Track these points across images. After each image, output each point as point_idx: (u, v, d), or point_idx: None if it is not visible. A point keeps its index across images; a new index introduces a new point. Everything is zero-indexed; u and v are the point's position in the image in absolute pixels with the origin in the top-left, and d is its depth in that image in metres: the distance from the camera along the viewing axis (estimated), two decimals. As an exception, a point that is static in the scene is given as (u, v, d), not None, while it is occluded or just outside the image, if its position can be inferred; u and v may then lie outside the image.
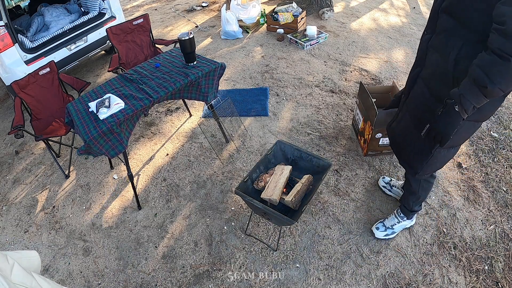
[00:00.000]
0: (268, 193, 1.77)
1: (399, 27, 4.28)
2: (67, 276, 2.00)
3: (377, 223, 1.99)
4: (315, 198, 2.23)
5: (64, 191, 2.54)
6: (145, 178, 2.54)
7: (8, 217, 2.42)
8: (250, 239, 2.05)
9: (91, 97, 2.13)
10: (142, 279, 1.93)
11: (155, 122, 3.09)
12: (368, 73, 3.42)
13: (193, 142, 2.81)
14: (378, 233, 1.95)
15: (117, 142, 1.96)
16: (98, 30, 3.53)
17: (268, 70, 3.58)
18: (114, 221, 2.27)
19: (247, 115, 3.00)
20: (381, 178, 2.26)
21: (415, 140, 1.53)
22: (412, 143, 1.56)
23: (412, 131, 1.53)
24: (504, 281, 1.76)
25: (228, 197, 2.32)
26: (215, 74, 2.29)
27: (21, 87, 2.61)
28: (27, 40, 3.12)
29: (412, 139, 1.55)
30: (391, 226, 1.94)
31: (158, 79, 2.17)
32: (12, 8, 4.36)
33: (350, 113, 2.91)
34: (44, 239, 2.23)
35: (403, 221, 1.93)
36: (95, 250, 2.12)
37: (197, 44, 4.25)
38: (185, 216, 2.23)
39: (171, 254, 2.03)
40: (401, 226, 1.94)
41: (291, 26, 4.11)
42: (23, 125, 2.34)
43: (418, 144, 1.51)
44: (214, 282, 1.87)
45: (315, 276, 1.84)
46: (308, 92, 3.20)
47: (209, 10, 5.42)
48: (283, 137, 2.72)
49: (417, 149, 1.53)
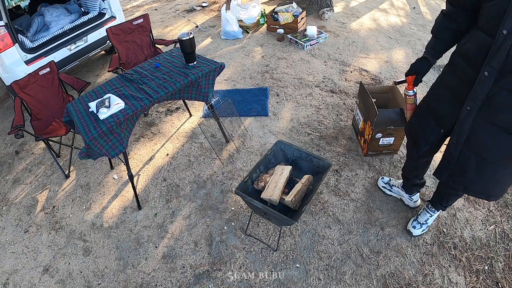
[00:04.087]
0: (268, 193, 1.77)
1: (399, 27, 4.28)
2: (67, 276, 2.00)
3: (411, 222, 2.01)
4: (315, 198, 2.23)
5: (64, 191, 2.54)
6: (145, 178, 2.54)
7: (8, 217, 2.42)
8: (250, 239, 2.05)
9: (91, 97, 2.13)
10: (142, 279, 1.93)
11: (155, 122, 3.09)
12: (368, 73, 3.42)
13: (193, 142, 2.81)
14: (415, 231, 1.98)
15: (117, 142, 1.96)
16: (98, 30, 3.53)
17: (268, 70, 3.58)
18: (114, 221, 2.27)
19: (247, 115, 3.00)
20: (380, 178, 2.26)
21: None
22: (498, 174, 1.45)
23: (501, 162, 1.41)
24: (504, 281, 1.76)
25: (228, 197, 2.32)
26: (215, 74, 2.29)
27: (21, 87, 2.61)
28: (27, 40, 3.12)
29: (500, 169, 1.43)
30: (425, 221, 1.98)
31: (158, 79, 2.17)
32: (12, 8, 4.36)
33: (350, 113, 2.91)
34: (44, 239, 2.23)
35: (435, 214, 1.97)
36: (95, 250, 2.12)
37: (197, 44, 4.25)
38: (185, 216, 2.23)
39: (171, 254, 2.03)
40: (432, 218, 1.99)
41: (291, 26, 4.11)
42: (23, 125, 2.34)
43: None
44: (214, 282, 1.87)
45: (315, 276, 1.84)
46: (308, 92, 3.20)
47: (209, 10, 5.42)
48: (283, 137, 2.72)
49: None
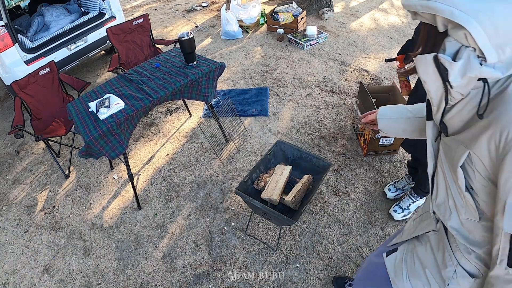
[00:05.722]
0: (268, 193, 1.77)
1: (399, 27, 4.28)
2: (67, 276, 2.00)
3: (393, 206, 2.09)
4: (315, 198, 2.23)
5: (64, 191, 2.54)
6: (145, 178, 2.54)
7: (8, 217, 2.42)
8: (250, 239, 2.05)
9: (91, 97, 2.13)
10: (142, 279, 1.93)
11: (155, 122, 3.09)
12: (368, 73, 3.41)
13: (193, 142, 2.81)
14: (396, 215, 2.06)
15: (117, 143, 1.96)
16: (98, 30, 3.53)
17: (268, 70, 3.58)
18: (114, 221, 2.27)
19: (247, 115, 3.00)
20: (387, 190, 2.20)
21: None
22: None
23: None
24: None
25: (228, 197, 2.32)
26: (215, 74, 2.29)
27: (21, 87, 2.61)
28: (27, 40, 3.12)
29: None
30: (407, 207, 2.05)
31: (158, 79, 2.17)
32: (12, 8, 4.36)
33: (350, 113, 2.91)
34: (44, 239, 2.23)
35: (417, 200, 2.03)
36: (95, 250, 2.12)
37: (197, 44, 4.25)
38: (185, 216, 2.23)
39: (171, 254, 2.03)
40: (415, 205, 2.05)
41: (291, 26, 4.11)
42: (23, 125, 2.34)
43: None
44: (214, 282, 1.87)
45: (315, 276, 1.84)
46: (308, 92, 3.20)
47: (209, 10, 5.42)
48: (283, 137, 2.72)
49: None
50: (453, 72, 0.56)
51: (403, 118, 1.03)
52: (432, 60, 0.59)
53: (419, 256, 0.91)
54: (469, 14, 0.49)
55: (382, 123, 1.08)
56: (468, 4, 0.49)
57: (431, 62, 0.59)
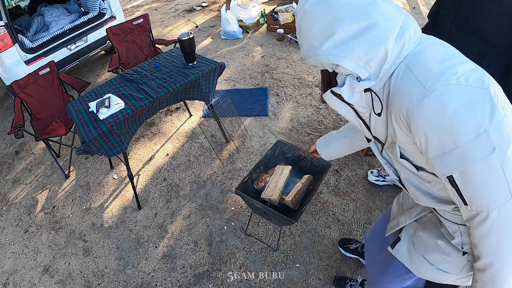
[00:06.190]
0: (268, 193, 1.76)
1: (399, 27, 4.27)
2: (67, 276, 2.00)
3: (374, 169, 2.25)
4: (315, 198, 2.23)
5: (64, 191, 2.54)
6: (145, 178, 2.54)
7: (8, 217, 2.42)
8: (250, 239, 2.05)
9: (91, 97, 2.13)
10: (142, 279, 1.93)
11: (155, 122, 3.09)
12: (368, 73, 3.41)
13: (193, 142, 2.81)
14: (371, 176, 2.23)
15: (117, 143, 1.96)
16: (98, 30, 3.53)
17: (268, 70, 3.58)
18: (114, 221, 2.27)
19: (247, 115, 3.00)
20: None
21: None
22: None
23: None
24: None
25: (228, 197, 2.32)
26: (215, 74, 2.29)
27: (21, 87, 2.61)
28: (27, 40, 3.12)
29: None
30: (385, 177, 2.19)
31: (158, 79, 2.17)
32: (12, 8, 4.36)
33: (350, 113, 2.91)
34: (44, 239, 2.23)
35: None
36: (95, 250, 2.12)
37: (197, 44, 4.25)
38: (185, 216, 2.23)
39: (171, 254, 2.03)
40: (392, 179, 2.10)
41: (291, 26, 4.11)
42: (23, 125, 2.34)
43: None
44: (214, 282, 1.87)
45: (315, 276, 1.84)
46: (308, 92, 3.20)
47: (209, 10, 5.42)
48: (283, 137, 2.72)
49: None
50: (345, 94, 0.75)
51: (334, 143, 1.31)
52: (330, 93, 0.78)
53: (426, 234, 0.98)
54: (338, 55, 0.68)
55: (321, 152, 1.40)
56: (334, 50, 0.68)
57: (331, 95, 0.78)
